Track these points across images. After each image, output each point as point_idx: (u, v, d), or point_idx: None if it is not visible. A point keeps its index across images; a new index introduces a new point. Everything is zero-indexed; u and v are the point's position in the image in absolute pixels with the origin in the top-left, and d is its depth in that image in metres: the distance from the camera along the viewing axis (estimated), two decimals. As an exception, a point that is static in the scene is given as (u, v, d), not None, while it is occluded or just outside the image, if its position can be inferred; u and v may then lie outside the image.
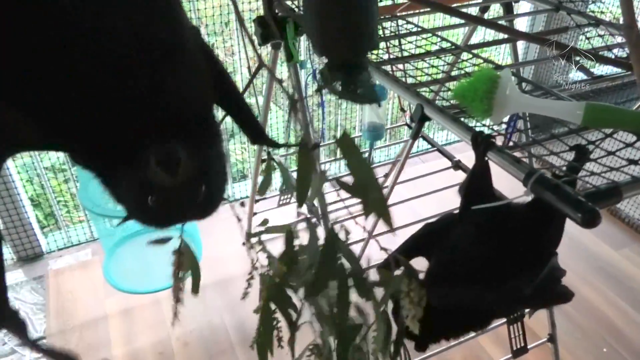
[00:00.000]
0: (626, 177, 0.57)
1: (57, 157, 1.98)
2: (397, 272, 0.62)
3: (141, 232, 1.68)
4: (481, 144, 0.64)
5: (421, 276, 0.67)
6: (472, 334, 1.33)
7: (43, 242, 1.94)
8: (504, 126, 0.74)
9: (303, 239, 0.68)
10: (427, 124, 0.82)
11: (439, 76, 0.87)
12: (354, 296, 0.62)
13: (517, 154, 0.64)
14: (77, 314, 1.70)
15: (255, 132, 0.70)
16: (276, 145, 0.71)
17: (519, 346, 1.32)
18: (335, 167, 2.15)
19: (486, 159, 0.66)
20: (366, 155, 1.61)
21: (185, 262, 0.67)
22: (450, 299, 0.68)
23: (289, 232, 0.66)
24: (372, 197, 0.54)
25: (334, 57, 0.71)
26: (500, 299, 0.68)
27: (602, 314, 1.72)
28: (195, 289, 0.68)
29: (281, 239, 0.66)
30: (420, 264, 0.69)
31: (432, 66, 0.89)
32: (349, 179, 0.56)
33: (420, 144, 2.33)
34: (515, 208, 0.69)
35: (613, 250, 1.95)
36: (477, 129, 0.68)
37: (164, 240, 0.67)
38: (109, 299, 1.73)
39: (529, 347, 1.34)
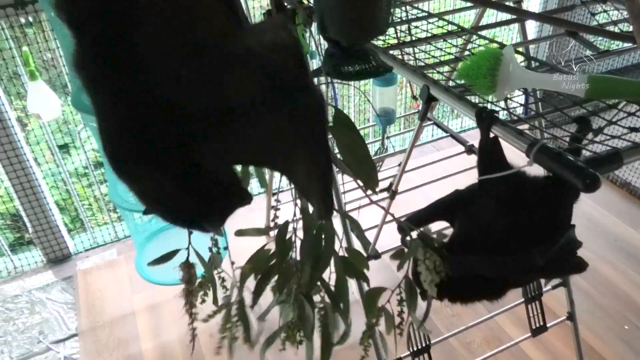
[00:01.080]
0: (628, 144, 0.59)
1: (80, 162, 2.04)
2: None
3: (170, 227, 1.73)
4: (485, 119, 0.66)
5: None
6: (489, 315, 1.35)
7: (70, 244, 2.00)
8: (510, 103, 0.76)
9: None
10: (440, 111, 0.84)
11: (444, 58, 0.88)
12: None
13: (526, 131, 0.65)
14: (106, 310, 1.76)
15: None
16: None
17: (538, 325, 1.33)
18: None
19: (492, 134, 0.68)
20: (379, 140, 1.64)
21: (194, 276, 0.70)
22: (468, 266, 0.70)
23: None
24: (364, 167, 0.56)
25: (352, 40, 0.76)
26: (514, 267, 0.70)
27: (623, 292, 1.71)
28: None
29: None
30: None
31: (438, 49, 0.90)
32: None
33: (435, 132, 2.34)
34: (533, 179, 0.70)
35: (633, 229, 1.94)
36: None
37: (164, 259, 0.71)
38: (136, 295, 1.79)
39: (548, 325, 1.34)
